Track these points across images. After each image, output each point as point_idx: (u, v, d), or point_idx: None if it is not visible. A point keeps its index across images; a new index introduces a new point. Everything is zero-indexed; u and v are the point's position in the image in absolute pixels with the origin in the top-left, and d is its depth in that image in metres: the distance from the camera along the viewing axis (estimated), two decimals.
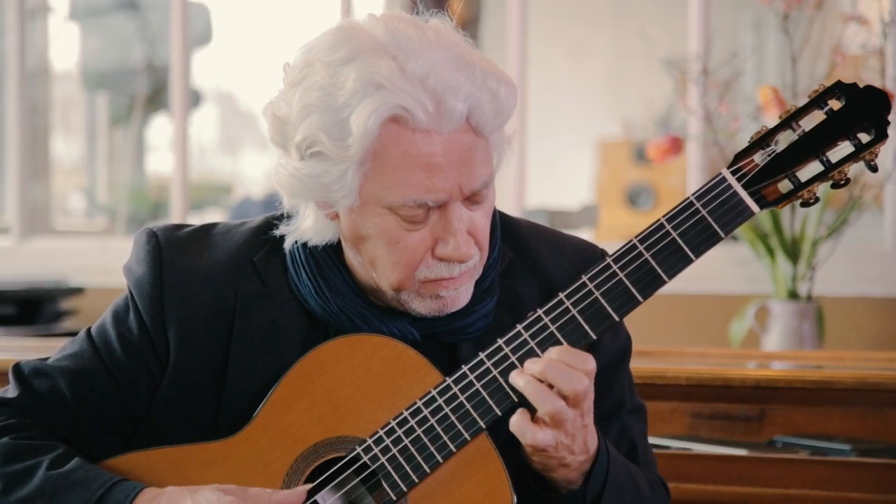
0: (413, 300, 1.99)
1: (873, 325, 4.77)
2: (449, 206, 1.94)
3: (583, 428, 1.92)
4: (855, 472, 2.80)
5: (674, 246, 1.95)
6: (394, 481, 1.95)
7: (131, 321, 2.07)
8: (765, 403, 3.06)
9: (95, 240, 6.51)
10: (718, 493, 2.32)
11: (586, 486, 1.95)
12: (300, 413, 1.99)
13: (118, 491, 1.95)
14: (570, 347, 1.92)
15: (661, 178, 8.05)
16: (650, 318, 1.97)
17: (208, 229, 2.13)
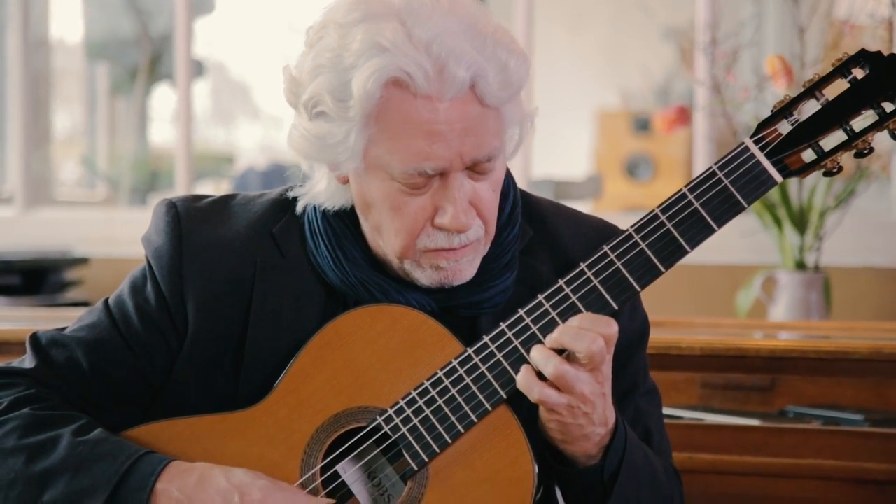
0: (415, 270, 1.99)
1: (880, 296, 4.77)
2: (450, 175, 1.93)
3: (602, 396, 1.92)
4: (868, 441, 2.80)
5: (696, 216, 1.95)
6: (415, 451, 1.95)
7: (149, 292, 2.07)
8: (775, 373, 3.06)
9: (99, 210, 6.51)
10: (731, 463, 2.33)
11: (604, 462, 1.95)
12: (321, 383, 1.98)
13: (146, 464, 1.94)
14: (593, 314, 1.92)
15: (659, 148, 8.05)
16: (657, 289, 1.96)
17: (227, 200, 2.13)
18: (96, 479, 1.93)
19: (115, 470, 1.93)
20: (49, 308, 4.82)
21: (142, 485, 1.92)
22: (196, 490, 1.91)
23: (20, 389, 2.04)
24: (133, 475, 1.93)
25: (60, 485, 1.94)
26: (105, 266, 5.33)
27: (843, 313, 4.57)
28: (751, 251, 4.58)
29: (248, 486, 1.91)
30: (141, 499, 1.92)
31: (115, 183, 7.65)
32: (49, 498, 1.94)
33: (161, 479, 1.93)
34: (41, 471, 1.96)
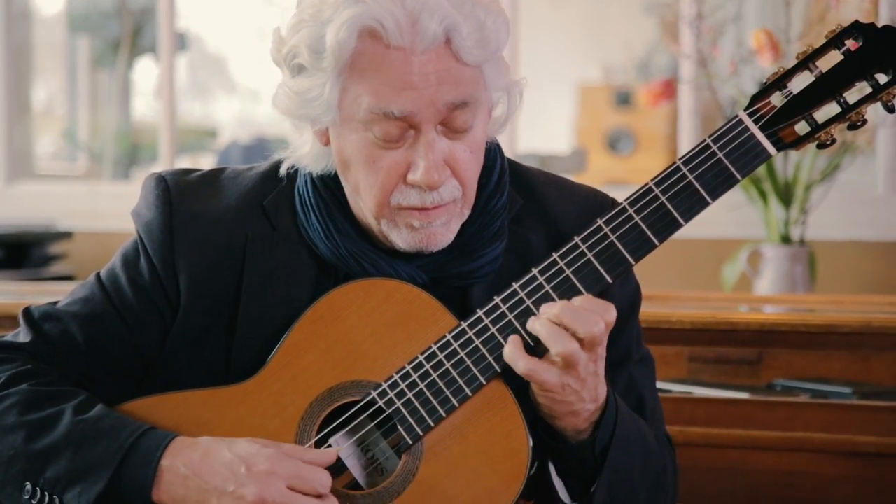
0: (392, 231, 1.98)
1: (864, 269, 4.79)
2: (423, 129, 1.92)
3: (594, 375, 1.91)
4: (857, 414, 2.81)
5: (690, 189, 1.94)
6: (409, 425, 1.94)
7: (142, 265, 2.06)
8: (763, 347, 3.07)
9: (82, 184, 6.48)
10: (721, 436, 2.34)
11: (594, 437, 1.95)
12: (314, 358, 1.98)
13: (150, 439, 1.93)
14: (593, 297, 1.91)
15: (640, 122, 8.04)
16: (643, 262, 1.96)
17: (217, 174, 2.12)
18: (100, 455, 1.92)
19: (118, 446, 1.93)
20: (33, 282, 4.80)
21: (147, 460, 1.92)
22: (202, 464, 1.91)
23: (17, 364, 2.03)
24: (137, 451, 1.92)
25: (63, 461, 1.93)
26: (89, 240, 5.32)
27: (827, 287, 4.58)
28: (736, 225, 4.60)
29: (254, 457, 1.90)
30: (147, 475, 1.91)
31: (98, 156, 7.62)
32: (52, 474, 1.93)
33: (166, 454, 1.92)
34: (42, 448, 1.95)
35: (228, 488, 1.89)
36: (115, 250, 2.14)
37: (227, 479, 1.89)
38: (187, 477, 1.91)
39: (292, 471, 1.90)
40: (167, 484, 1.91)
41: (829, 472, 2.83)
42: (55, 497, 1.93)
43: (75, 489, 1.92)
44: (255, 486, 1.88)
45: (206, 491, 1.90)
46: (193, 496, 1.91)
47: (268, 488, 1.88)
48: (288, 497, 1.88)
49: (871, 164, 4.84)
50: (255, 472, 1.89)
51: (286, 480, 1.89)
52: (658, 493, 2.05)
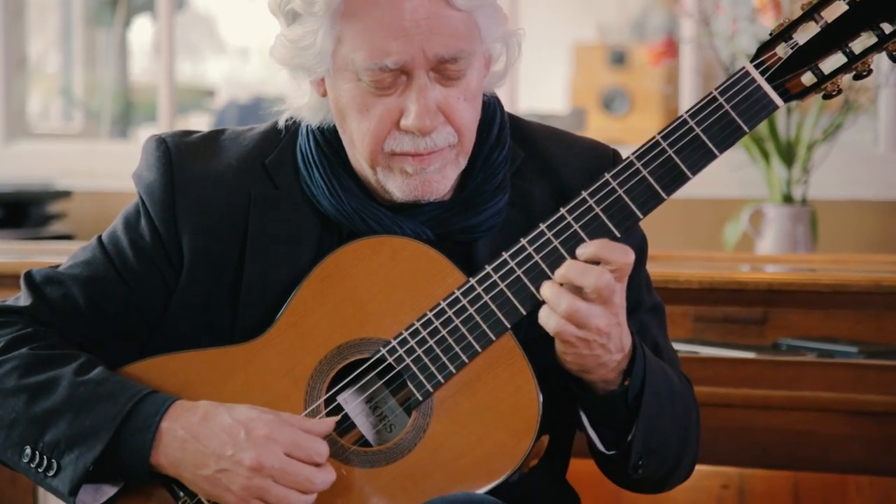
0: (388, 179, 1.98)
1: (865, 228, 4.78)
2: (414, 75, 1.92)
3: (617, 326, 1.91)
4: (864, 374, 2.81)
5: (697, 142, 1.93)
6: (419, 382, 1.93)
7: (143, 228, 2.05)
8: (768, 306, 3.07)
9: (81, 143, 6.45)
10: (728, 396, 2.34)
11: (627, 386, 1.95)
12: (322, 316, 1.97)
13: (149, 404, 1.92)
14: (610, 241, 1.90)
15: (635, 82, 8.01)
16: (644, 221, 1.95)
17: (217, 135, 2.12)
18: (99, 419, 1.92)
19: (117, 410, 1.92)
20: (33, 241, 4.79)
21: (146, 424, 1.91)
22: (201, 428, 1.90)
23: (18, 328, 2.02)
24: (137, 415, 1.92)
25: (63, 425, 1.93)
26: (87, 199, 5.30)
27: (828, 246, 4.57)
28: (738, 185, 4.58)
29: (254, 422, 1.89)
30: (145, 439, 1.90)
31: (95, 115, 7.58)
32: (51, 438, 1.93)
33: (165, 418, 1.91)
34: (42, 411, 1.94)
35: (227, 452, 1.88)
36: (114, 209, 2.13)
37: (226, 443, 1.89)
38: (185, 440, 1.90)
39: (290, 438, 1.89)
40: (165, 447, 1.91)
41: (836, 432, 2.83)
42: (53, 461, 1.93)
43: (73, 453, 1.92)
44: (253, 451, 1.88)
45: (203, 454, 1.89)
46: (191, 459, 1.90)
47: (266, 454, 1.88)
48: (285, 464, 1.88)
49: (872, 123, 4.82)
50: (254, 437, 1.88)
51: (284, 447, 1.89)
52: (687, 432, 2.06)
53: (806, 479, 3.00)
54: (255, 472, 1.88)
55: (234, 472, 1.88)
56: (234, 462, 1.88)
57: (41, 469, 1.93)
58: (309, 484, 1.89)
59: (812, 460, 2.88)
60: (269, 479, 1.88)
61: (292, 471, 1.88)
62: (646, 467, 1.99)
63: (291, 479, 1.88)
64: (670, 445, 2.02)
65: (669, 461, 2.04)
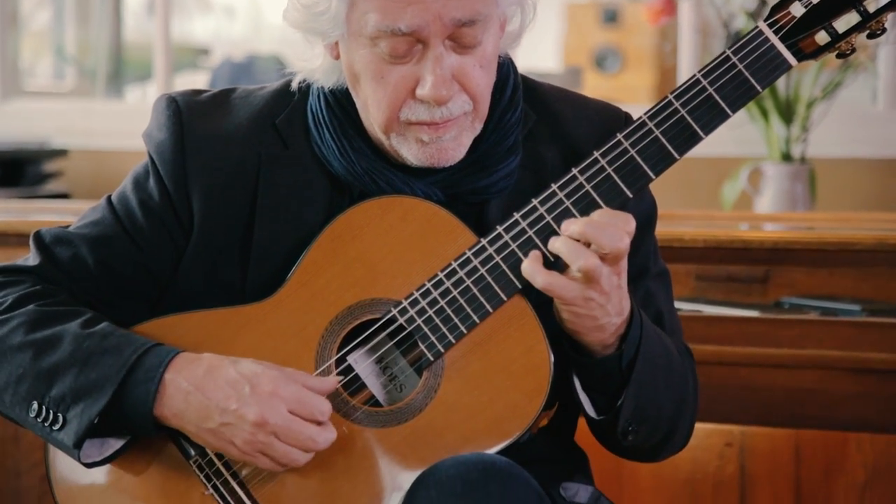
0: (402, 146, 1.97)
1: (863, 186, 4.78)
2: (430, 44, 1.90)
3: (618, 288, 1.90)
4: (868, 332, 2.82)
5: (710, 101, 1.93)
6: (430, 342, 1.93)
7: (153, 187, 2.05)
8: (770, 265, 3.07)
9: (76, 101, 6.42)
10: (733, 354, 2.35)
11: (621, 351, 1.95)
12: (333, 276, 1.97)
13: (153, 356, 1.92)
14: (613, 210, 1.90)
15: (628, 40, 8.00)
16: None
17: (227, 94, 2.11)
18: (104, 372, 1.92)
19: (122, 363, 1.92)
20: (29, 200, 4.78)
21: (149, 376, 1.91)
22: (205, 380, 1.90)
23: (26, 286, 2.02)
24: (141, 367, 1.92)
25: (68, 379, 1.93)
26: (84, 158, 5.29)
27: (826, 204, 4.58)
28: (737, 143, 4.57)
29: (258, 377, 1.90)
30: (149, 390, 1.90)
31: (89, 73, 7.55)
32: (57, 392, 1.93)
33: (169, 370, 1.91)
34: (49, 366, 1.94)
35: (231, 406, 1.89)
36: (110, 168, 2.13)
37: (230, 396, 1.89)
38: (189, 392, 1.90)
39: (294, 395, 1.89)
40: (168, 398, 1.91)
41: (841, 390, 2.84)
42: (59, 415, 1.93)
43: (78, 406, 1.92)
44: (257, 406, 1.88)
45: (207, 407, 1.90)
46: (194, 411, 1.90)
47: (270, 410, 1.88)
48: (288, 421, 1.88)
49: (871, 81, 4.81)
50: (259, 392, 1.89)
51: (288, 404, 1.89)
52: (682, 404, 2.05)
53: (807, 437, 3.01)
54: (259, 427, 1.88)
55: (238, 427, 1.89)
56: (237, 416, 1.88)
57: (47, 423, 1.93)
58: (311, 442, 1.89)
59: (815, 418, 2.89)
60: (271, 435, 1.88)
61: (295, 428, 1.89)
62: (636, 434, 1.99)
63: (294, 437, 1.89)
64: (663, 415, 2.01)
65: (662, 430, 2.03)
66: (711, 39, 4.95)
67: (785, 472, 3.01)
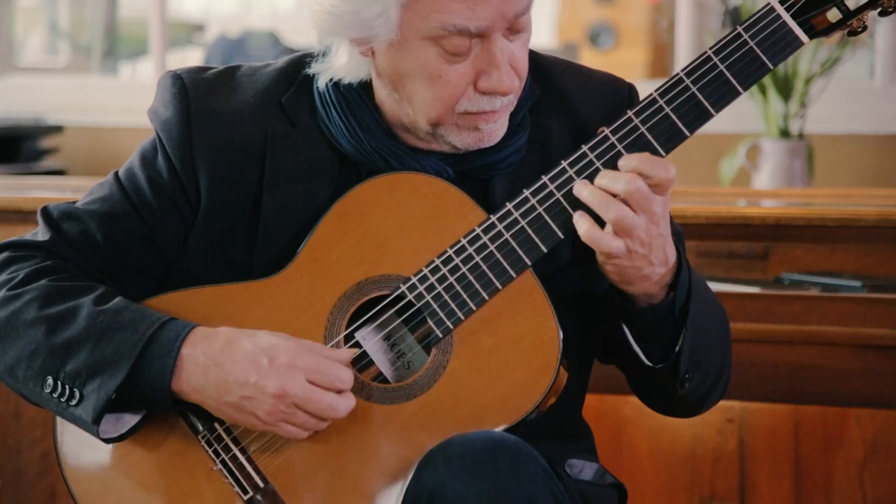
0: (451, 133, 1.97)
1: (861, 163, 4.78)
2: (491, 38, 1.91)
3: (659, 237, 1.91)
4: (868, 307, 2.82)
5: (721, 79, 1.93)
6: (439, 318, 1.94)
7: (160, 164, 2.04)
8: (770, 241, 3.07)
9: (72, 77, 6.40)
10: (735, 330, 2.33)
11: (674, 298, 1.95)
12: (342, 252, 1.97)
13: (169, 330, 1.92)
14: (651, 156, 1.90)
15: (621, 16, 8.00)
16: None
17: (232, 71, 2.10)
18: (119, 347, 1.92)
19: (138, 338, 1.92)
20: (25, 176, 4.77)
21: (166, 350, 1.91)
22: (222, 354, 1.91)
23: (36, 262, 2.02)
24: (157, 342, 1.92)
25: (83, 354, 1.93)
26: (79, 134, 5.27)
27: (824, 181, 4.58)
28: (735, 119, 4.57)
29: (276, 349, 1.90)
30: (166, 365, 1.91)
31: (86, 50, 7.54)
32: (72, 368, 1.93)
33: (185, 344, 1.91)
34: (63, 341, 1.94)
35: (251, 379, 1.89)
36: (106, 144, 2.13)
37: (248, 370, 1.89)
38: (207, 367, 1.90)
39: (312, 364, 1.90)
40: (187, 374, 1.91)
41: (843, 365, 2.85)
42: (75, 390, 1.93)
43: (95, 382, 1.92)
44: (277, 378, 1.88)
45: (226, 381, 1.90)
46: (213, 385, 1.91)
47: (289, 381, 1.88)
48: (308, 391, 1.89)
49: (869, 57, 4.81)
50: (278, 364, 1.89)
51: (307, 374, 1.89)
52: (726, 349, 2.08)
53: (807, 413, 3.02)
54: (280, 398, 1.88)
55: (259, 399, 1.89)
56: (258, 389, 1.89)
57: (63, 399, 1.93)
58: (332, 411, 1.90)
59: (816, 394, 2.90)
60: (293, 405, 1.89)
61: (316, 398, 1.89)
62: (691, 380, 2.00)
63: (314, 406, 1.89)
64: (713, 359, 2.04)
65: (712, 376, 2.05)
66: (708, 15, 4.95)
67: (784, 447, 3.02)
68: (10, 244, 2.06)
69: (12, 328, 1.97)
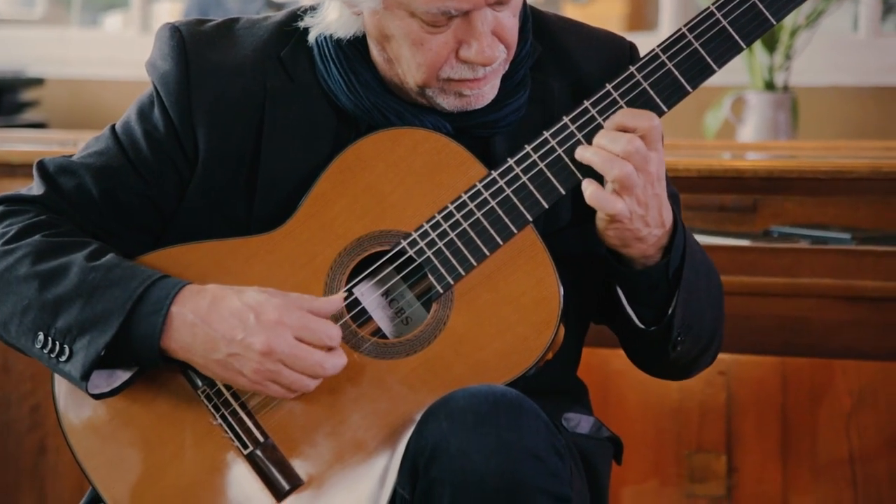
0: (437, 96, 1.97)
1: (845, 115, 4.79)
2: (473, 12, 1.90)
3: (655, 197, 1.92)
4: (859, 259, 2.83)
5: (724, 34, 1.94)
6: (440, 274, 1.94)
7: (157, 118, 2.03)
8: (757, 194, 3.08)
9: (51, 29, 6.35)
10: (726, 283, 2.34)
11: (668, 258, 1.96)
12: (342, 207, 1.96)
13: (159, 288, 1.92)
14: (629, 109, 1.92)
15: None
16: None
17: (231, 24, 2.09)
18: (110, 304, 1.91)
19: (128, 295, 1.91)
20: (7, 129, 4.74)
21: (156, 308, 1.91)
22: (210, 311, 1.90)
23: (30, 216, 2.01)
24: (147, 300, 1.91)
25: (74, 311, 1.92)
26: (61, 87, 5.24)
27: (808, 133, 4.59)
28: (719, 72, 4.58)
29: (263, 305, 1.89)
30: (156, 323, 1.90)
31: (65, 1, 7.47)
32: (63, 324, 1.93)
33: (175, 302, 1.91)
34: (54, 297, 1.93)
35: (237, 336, 1.89)
36: (87, 97, 2.12)
37: (236, 326, 1.89)
38: (195, 324, 1.90)
39: (300, 322, 1.89)
40: (175, 331, 1.91)
41: (833, 317, 2.87)
42: (66, 346, 1.93)
43: (85, 338, 1.92)
44: (263, 334, 1.88)
45: (213, 339, 1.90)
46: (201, 343, 1.90)
47: (276, 338, 1.88)
48: (296, 348, 1.89)
49: (853, 9, 4.82)
50: (264, 320, 1.89)
51: (294, 331, 1.89)
52: (718, 310, 2.09)
53: (793, 364, 3.04)
54: (266, 356, 1.88)
55: (245, 357, 1.89)
56: (244, 346, 1.88)
57: (53, 354, 1.93)
58: (320, 368, 1.90)
59: (808, 346, 2.91)
60: (279, 363, 1.89)
61: (303, 355, 1.89)
62: (683, 343, 2.01)
63: (302, 364, 1.89)
64: (705, 323, 2.05)
65: (704, 339, 2.06)
66: None
67: (771, 399, 3.04)
68: (4, 199, 2.05)
69: (5, 283, 1.96)
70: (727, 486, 3.08)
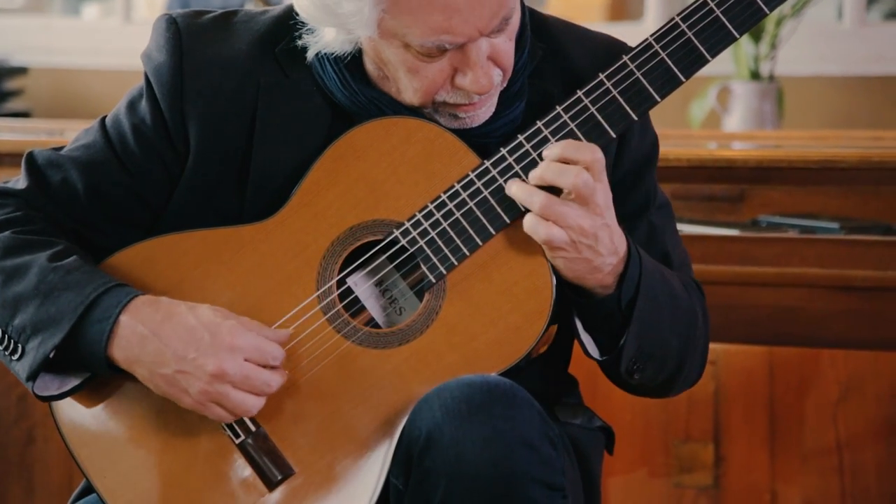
0: (433, 115, 1.97)
1: (830, 105, 4.80)
2: (468, 43, 1.89)
3: (605, 227, 1.90)
4: (848, 249, 2.84)
5: (717, 24, 1.93)
6: (433, 263, 1.93)
7: (146, 111, 2.02)
8: (745, 184, 3.09)
9: (35, 18, 6.32)
10: (716, 273, 2.36)
11: (620, 290, 1.94)
12: (335, 197, 1.96)
13: (112, 295, 1.91)
14: (573, 141, 1.91)
15: None
16: None
17: (229, 16, 2.07)
18: (62, 308, 1.91)
19: (81, 300, 1.90)
20: None
21: (105, 315, 1.90)
22: (163, 326, 1.89)
23: (7, 211, 2.00)
24: (99, 306, 1.90)
25: (30, 310, 1.92)
26: (44, 76, 5.22)
27: (793, 123, 4.60)
28: None
29: (218, 327, 1.89)
30: (103, 330, 1.89)
31: None
32: (19, 322, 1.93)
33: (125, 311, 1.90)
34: (14, 295, 1.93)
35: (189, 355, 1.88)
36: (71, 86, 2.11)
37: (189, 344, 1.88)
38: (145, 336, 1.89)
39: (252, 343, 1.89)
40: (124, 340, 1.90)
41: (824, 307, 2.87)
42: (19, 345, 1.93)
43: (37, 339, 1.91)
44: (216, 357, 1.88)
45: (163, 353, 1.89)
46: (149, 355, 1.90)
47: (228, 361, 1.88)
48: (246, 370, 1.88)
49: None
50: (219, 342, 1.88)
51: (245, 353, 1.89)
52: (689, 340, 2.04)
53: (781, 354, 3.05)
54: (216, 378, 1.88)
55: (194, 376, 1.88)
56: (195, 366, 1.88)
57: (8, 352, 1.94)
58: (266, 387, 1.90)
59: (800, 336, 2.91)
60: (228, 385, 1.88)
61: (252, 375, 1.89)
62: (642, 372, 1.99)
63: (250, 384, 1.89)
64: (669, 353, 2.01)
65: (669, 368, 2.02)
66: None
67: (759, 389, 3.05)
68: None
69: None
70: (715, 476, 3.09)
